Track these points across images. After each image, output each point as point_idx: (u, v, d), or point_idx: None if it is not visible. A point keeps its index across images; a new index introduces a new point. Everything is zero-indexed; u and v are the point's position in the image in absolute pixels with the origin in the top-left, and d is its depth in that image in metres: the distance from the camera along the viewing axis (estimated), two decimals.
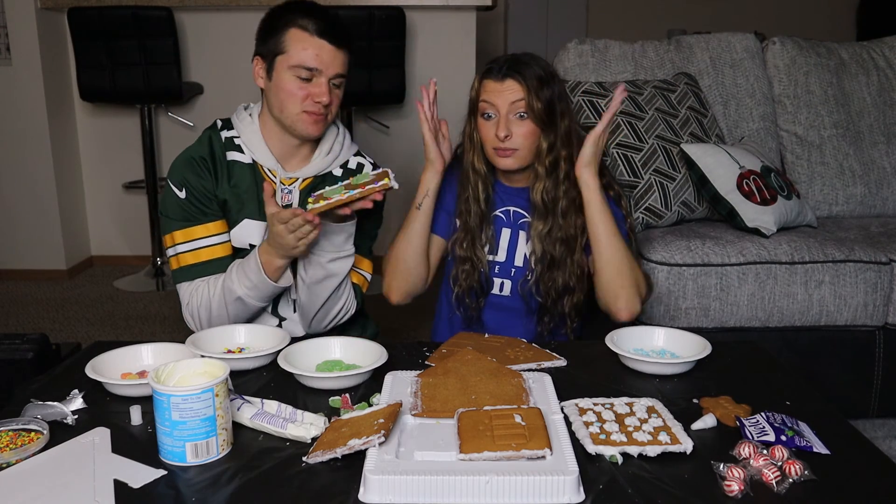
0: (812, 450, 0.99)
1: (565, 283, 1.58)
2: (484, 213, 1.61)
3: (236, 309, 1.48)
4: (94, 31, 3.17)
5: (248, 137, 1.54)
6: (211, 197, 1.52)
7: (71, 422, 1.07)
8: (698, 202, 2.13)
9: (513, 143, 1.53)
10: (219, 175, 1.52)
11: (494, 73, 1.54)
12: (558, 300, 1.60)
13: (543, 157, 1.55)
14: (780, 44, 2.50)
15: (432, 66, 3.51)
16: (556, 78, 1.56)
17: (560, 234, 1.57)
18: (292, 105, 1.48)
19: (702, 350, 1.27)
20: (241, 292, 1.46)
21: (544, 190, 1.56)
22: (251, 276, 1.45)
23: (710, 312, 1.91)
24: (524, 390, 1.11)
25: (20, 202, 3.58)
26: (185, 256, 1.51)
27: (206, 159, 1.53)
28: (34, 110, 3.47)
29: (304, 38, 1.45)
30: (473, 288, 1.62)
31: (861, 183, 2.40)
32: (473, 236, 1.60)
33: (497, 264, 1.64)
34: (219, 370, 1.01)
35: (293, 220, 1.35)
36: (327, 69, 1.47)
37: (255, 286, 1.45)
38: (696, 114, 2.25)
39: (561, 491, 0.87)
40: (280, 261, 1.44)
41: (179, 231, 1.51)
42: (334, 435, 0.99)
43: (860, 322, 1.93)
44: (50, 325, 3.02)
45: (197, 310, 1.50)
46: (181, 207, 1.51)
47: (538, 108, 1.50)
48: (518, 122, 1.52)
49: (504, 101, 1.52)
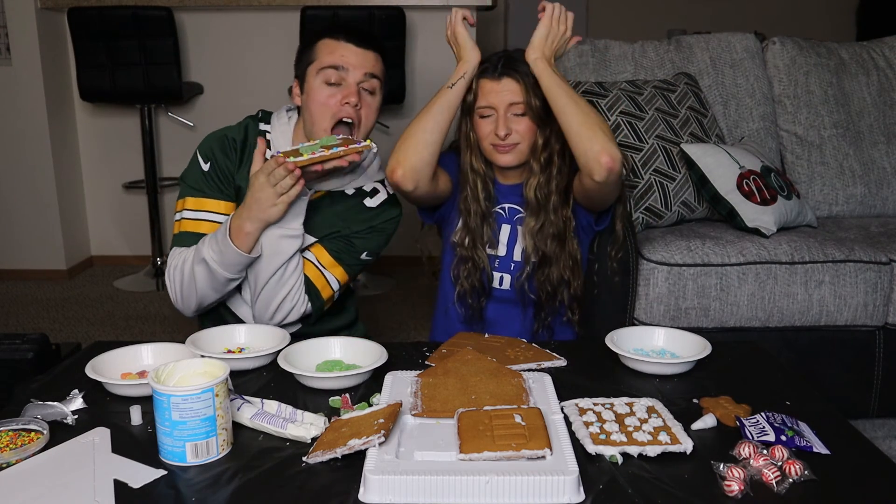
0: (812, 450, 0.99)
1: (559, 276, 1.59)
2: (485, 213, 1.61)
3: (202, 274, 1.44)
4: (94, 31, 3.17)
5: (277, 136, 1.57)
6: (231, 178, 1.54)
7: (71, 422, 1.07)
8: (698, 202, 2.13)
9: (513, 139, 1.53)
10: (243, 162, 1.55)
11: (490, 72, 1.54)
12: (554, 294, 1.60)
13: (539, 153, 1.55)
14: (780, 44, 2.50)
15: (432, 66, 3.51)
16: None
17: (552, 230, 1.58)
18: (322, 118, 1.49)
19: (702, 350, 1.27)
20: (207, 255, 1.43)
21: (538, 186, 1.57)
22: (219, 239, 1.43)
23: (710, 312, 1.91)
24: (524, 390, 1.11)
25: (20, 202, 3.58)
26: (187, 223, 1.52)
27: (238, 142, 1.56)
28: (34, 110, 3.46)
29: (331, 43, 1.50)
30: (475, 287, 1.63)
31: (861, 183, 2.40)
32: (475, 235, 1.60)
33: (497, 258, 1.65)
34: (219, 370, 1.01)
35: (276, 171, 1.34)
36: (354, 68, 1.49)
37: (220, 251, 1.42)
38: (696, 114, 2.25)
39: (561, 491, 0.87)
40: (250, 225, 1.40)
41: (192, 199, 1.53)
42: (334, 435, 0.99)
43: (860, 322, 1.93)
44: (50, 325, 3.02)
45: (173, 272, 1.49)
46: (201, 178, 1.53)
47: (536, 105, 1.51)
48: (516, 119, 1.53)
49: (502, 101, 1.52)
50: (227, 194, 1.54)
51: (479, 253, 1.61)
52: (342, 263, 1.58)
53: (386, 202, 1.63)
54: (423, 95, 3.55)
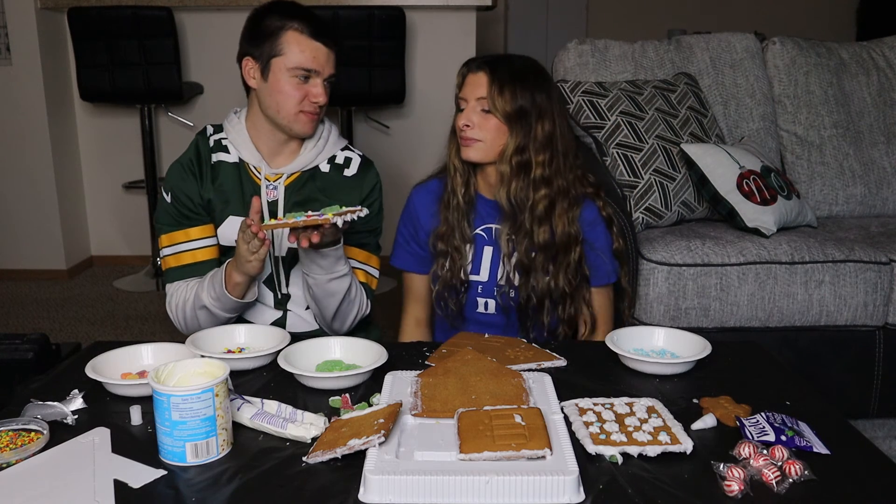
0: (812, 450, 0.99)
1: (544, 290, 1.55)
2: (463, 210, 1.59)
3: (204, 316, 1.51)
4: (94, 31, 3.17)
5: (234, 137, 1.57)
6: (196, 200, 1.55)
7: (71, 422, 1.07)
8: (698, 202, 2.13)
9: (475, 134, 1.52)
10: (203, 176, 1.56)
11: (473, 65, 1.55)
12: (540, 307, 1.57)
13: (508, 156, 1.51)
14: (780, 44, 2.50)
15: (432, 66, 3.51)
16: (540, 81, 1.54)
17: (536, 239, 1.53)
18: (290, 105, 1.51)
19: (702, 350, 1.27)
20: (207, 302, 1.49)
21: (511, 192, 1.53)
22: (216, 287, 1.47)
23: (710, 312, 1.90)
24: (524, 390, 1.11)
25: (20, 202, 3.57)
26: (168, 259, 1.57)
27: (193, 161, 1.57)
28: (34, 110, 3.46)
29: (301, 40, 1.49)
30: (453, 284, 1.60)
31: (861, 183, 2.40)
32: (453, 229, 1.59)
33: (480, 284, 1.62)
34: (219, 370, 1.01)
35: (246, 231, 1.37)
36: (323, 70, 1.51)
37: (218, 298, 1.48)
38: (696, 114, 2.25)
39: (561, 491, 0.87)
40: (238, 277, 1.44)
41: (165, 235, 1.57)
42: (334, 435, 0.99)
43: (860, 322, 1.93)
44: (50, 325, 3.02)
45: (174, 312, 1.55)
46: (166, 212, 1.56)
47: (500, 104, 1.49)
48: (484, 115, 1.52)
49: (473, 93, 1.53)
50: (197, 218, 1.55)
51: (456, 244, 1.58)
52: (372, 251, 1.63)
53: (362, 165, 1.63)
54: (422, 95, 3.55)
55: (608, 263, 1.61)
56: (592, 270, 1.59)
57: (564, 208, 1.54)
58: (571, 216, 1.54)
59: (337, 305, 1.52)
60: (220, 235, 1.57)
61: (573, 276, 1.56)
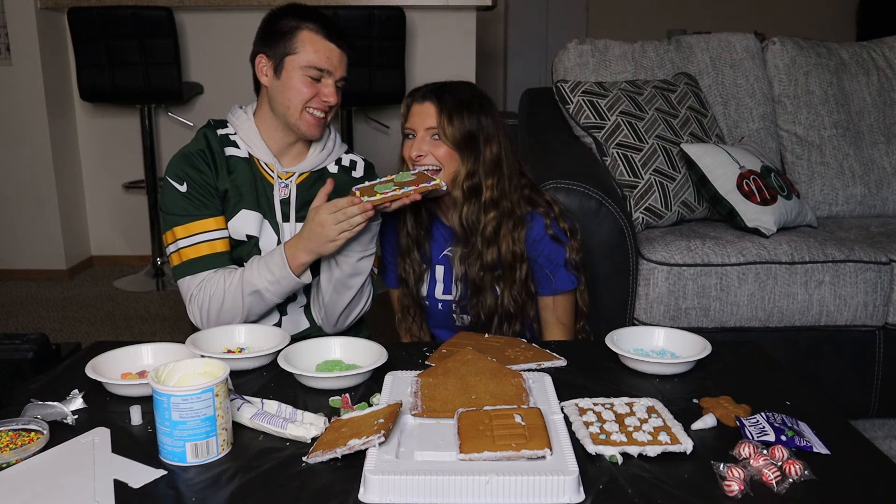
0: (812, 450, 0.99)
1: (491, 308, 1.58)
2: (413, 235, 1.62)
3: (252, 303, 1.48)
4: (94, 31, 3.17)
5: (245, 133, 1.57)
6: (212, 190, 1.53)
7: (71, 422, 1.07)
8: (698, 202, 2.13)
9: (432, 162, 1.54)
10: (218, 167, 1.55)
11: (417, 95, 1.58)
12: (489, 324, 1.60)
13: (460, 181, 1.54)
14: (780, 44, 2.51)
15: (432, 66, 3.51)
16: (485, 106, 1.57)
17: (485, 260, 1.56)
18: (298, 102, 1.52)
19: (702, 350, 1.27)
20: (262, 286, 1.46)
21: (463, 215, 1.56)
22: (274, 270, 1.46)
23: (710, 312, 1.91)
24: (524, 390, 1.11)
25: (20, 202, 3.58)
26: (186, 251, 1.51)
27: (205, 152, 1.55)
28: (34, 110, 3.47)
29: (315, 40, 1.51)
30: (410, 307, 1.67)
31: (861, 183, 2.40)
32: (405, 254, 1.63)
33: (452, 302, 1.66)
34: (219, 370, 1.01)
35: (347, 209, 1.38)
36: (336, 71, 1.53)
37: (277, 280, 1.46)
38: (696, 114, 2.25)
39: (561, 491, 0.87)
40: (306, 257, 1.45)
41: (180, 227, 1.52)
42: (334, 435, 0.99)
43: (860, 322, 1.93)
44: (50, 325, 3.02)
45: (207, 302, 1.48)
46: (183, 201, 1.52)
47: (450, 132, 1.52)
48: (434, 143, 1.55)
49: (420, 124, 1.55)
50: (213, 208, 1.54)
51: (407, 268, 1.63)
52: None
53: (367, 167, 1.68)
54: None
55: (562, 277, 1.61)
56: (541, 283, 1.61)
57: (509, 228, 1.56)
58: (517, 236, 1.57)
59: (354, 292, 1.53)
60: (231, 229, 1.55)
61: (518, 294, 1.59)
